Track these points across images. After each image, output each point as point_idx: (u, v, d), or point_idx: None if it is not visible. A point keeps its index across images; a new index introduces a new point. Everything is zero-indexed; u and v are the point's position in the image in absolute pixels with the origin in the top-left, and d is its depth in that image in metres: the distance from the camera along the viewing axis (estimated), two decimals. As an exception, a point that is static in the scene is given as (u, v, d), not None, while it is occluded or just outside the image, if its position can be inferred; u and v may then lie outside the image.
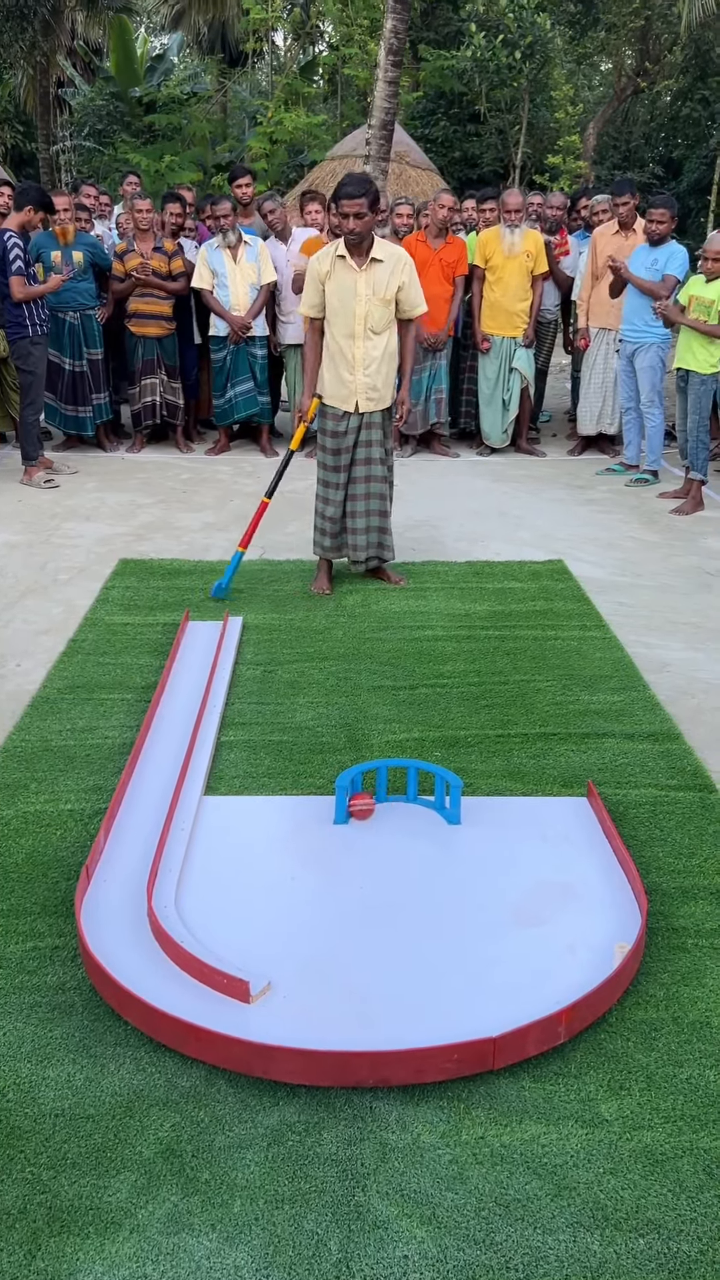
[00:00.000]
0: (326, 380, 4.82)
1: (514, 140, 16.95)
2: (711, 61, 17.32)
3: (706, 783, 3.37)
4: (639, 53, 17.40)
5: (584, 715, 3.84)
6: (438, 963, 2.47)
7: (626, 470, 7.27)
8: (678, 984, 2.49)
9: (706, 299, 6.04)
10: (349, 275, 4.61)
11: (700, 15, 13.12)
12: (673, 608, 4.92)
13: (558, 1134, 2.08)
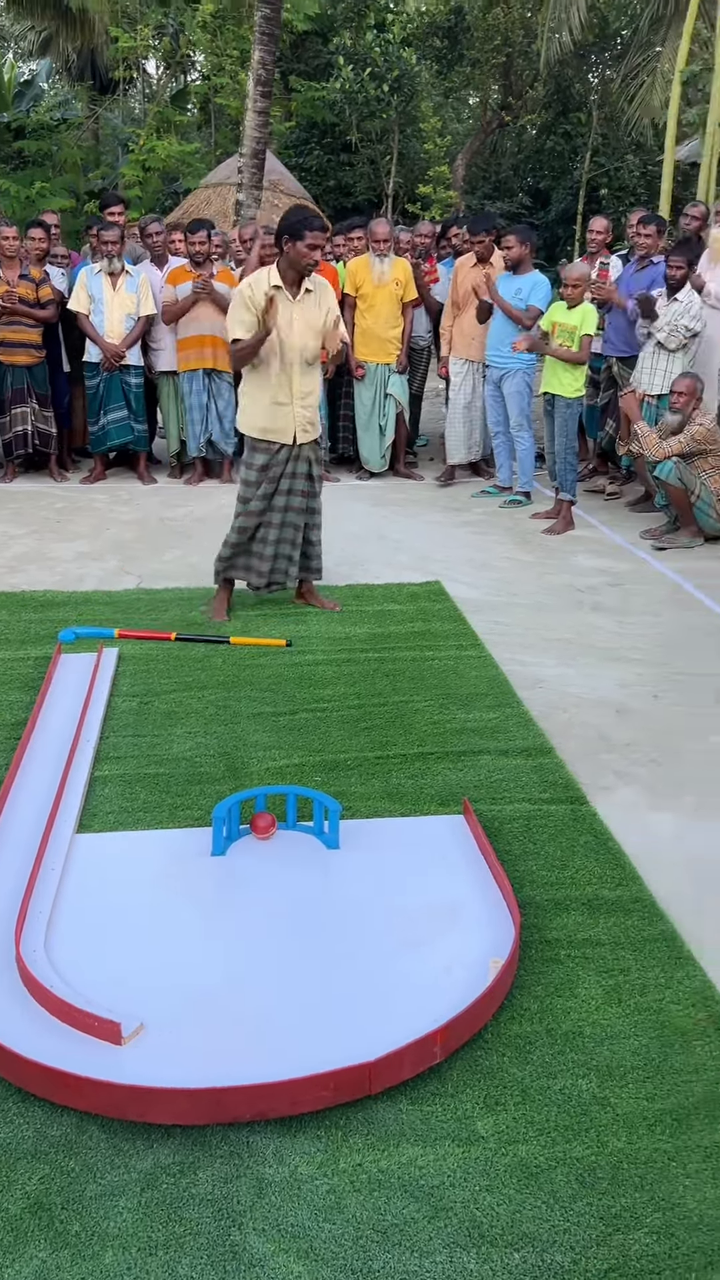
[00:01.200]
0: (259, 415, 4.70)
1: (385, 170, 17.27)
2: (571, 97, 17.97)
3: (578, 795, 3.45)
4: (503, 88, 17.94)
5: (460, 733, 3.89)
6: (316, 990, 2.46)
7: (500, 492, 7.43)
8: (551, 995, 2.53)
9: (569, 325, 6.24)
10: (285, 307, 4.52)
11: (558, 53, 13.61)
12: (546, 625, 5.04)
13: (434, 1155, 2.09)
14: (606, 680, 4.38)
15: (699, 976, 2.59)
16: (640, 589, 5.56)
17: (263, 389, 4.66)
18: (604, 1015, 2.46)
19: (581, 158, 17.89)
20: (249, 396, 4.73)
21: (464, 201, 17.57)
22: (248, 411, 4.76)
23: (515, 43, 15.91)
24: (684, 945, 2.71)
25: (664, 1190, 2.01)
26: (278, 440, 4.72)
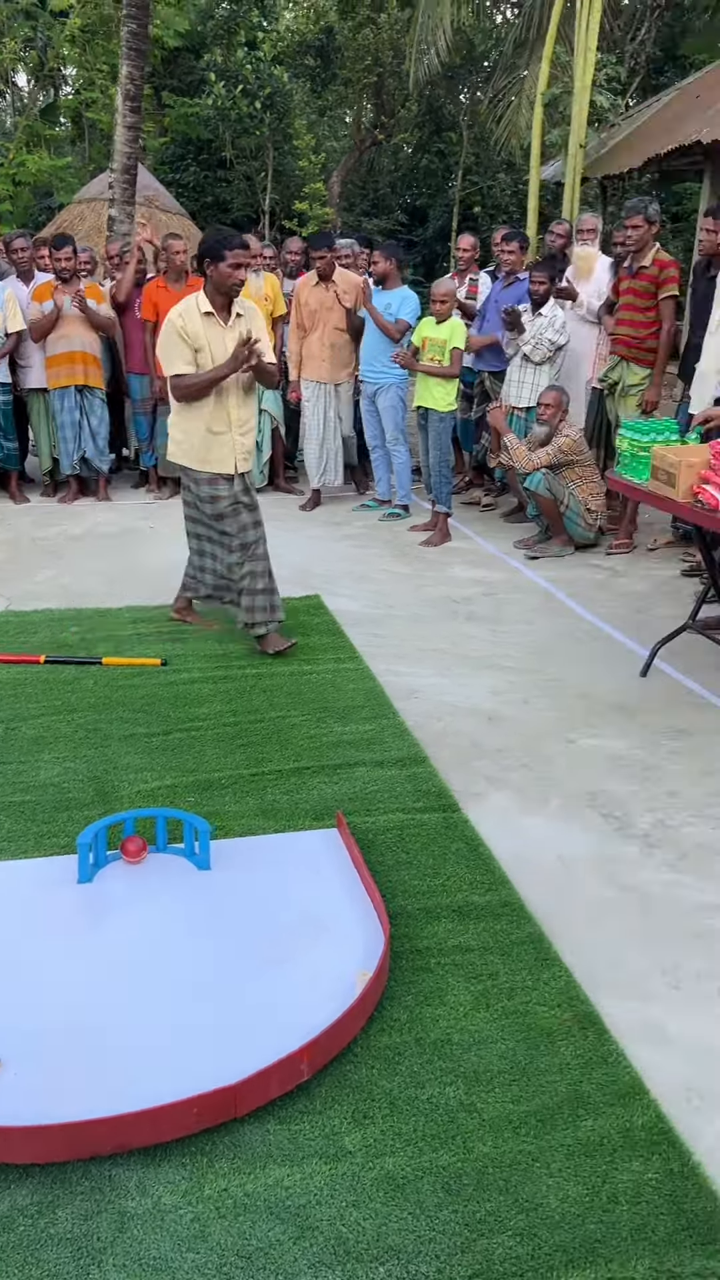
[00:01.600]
0: (196, 447, 4.52)
1: (261, 186, 17.30)
2: (443, 117, 18.32)
3: (450, 803, 3.48)
4: (375, 107, 18.18)
5: (336, 746, 3.89)
6: (184, 1014, 2.42)
7: (379, 506, 7.49)
8: (421, 1005, 2.54)
9: (439, 339, 6.34)
10: (217, 332, 4.38)
11: (427, 74, 13.85)
12: (422, 636, 5.09)
13: (301, 1173, 2.07)
14: (480, 688, 4.45)
15: (564, 976, 2.63)
16: (513, 598, 5.66)
17: (197, 419, 4.48)
18: (472, 1021, 2.48)
19: (455, 176, 18.25)
20: (181, 428, 4.54)
21: (340, 218, 17.72)
22: (182, 443, 4.56)
23: (385, 63, 16.14)
24: (550, 946, 2.75)
25: (527, 1192, 2.03)
26: (220, 470, 4.56)
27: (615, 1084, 2.29)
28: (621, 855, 3.21)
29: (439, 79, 15.56)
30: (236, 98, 15.30)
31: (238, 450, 4.56)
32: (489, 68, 17.03)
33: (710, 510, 3.84)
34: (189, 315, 4.35)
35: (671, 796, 3.56)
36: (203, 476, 4.57)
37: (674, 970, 2.68)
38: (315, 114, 19.23)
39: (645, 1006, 2.55)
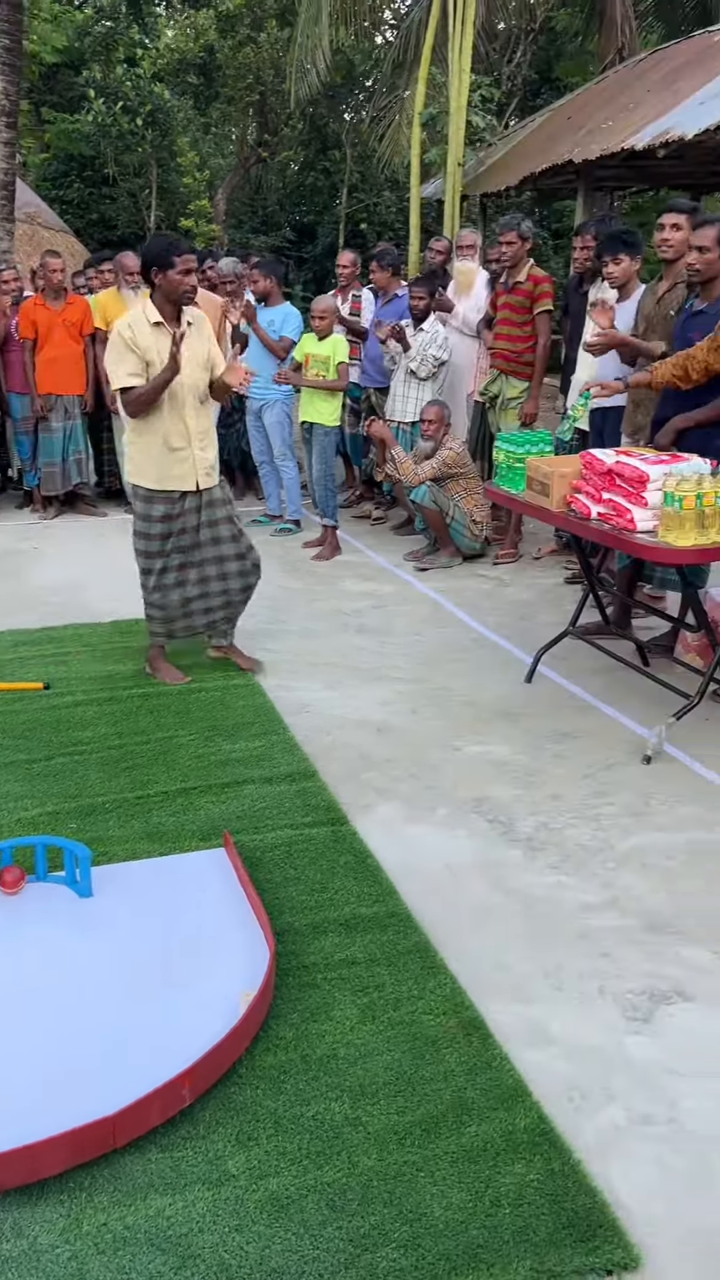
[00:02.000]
0: (153, 464, 4.28)
1: (146, 204, 17.18)
2: (327, 135, 18.48)
3: (338, 816, 3.48)
4: (259, 125, 18.23)
5: (225, 764, 3.86)
6: (63, 1046, 2.36)
7: (271, 521, 7.47)
8: (307, 1021, 2.52)
9: (321, 355, 6.37)
10: (167, 343, 4.14)
11: (308, 93, 13.95)
12: (313, 650, 5.08)
13: (184, 1201, 2.03)
14: (369, 700, 4.46)
15: (450, 984, 2.65)
16: (403, 610, 5.71)
17: (153, 435, 4.26)
18: (358, 1034, 2.48)
19: (341, 193, 18.41)
20: (138, 445, 4.32)
21: (228, 235, 17.71)
22: (138, 461, 4.33)
23: (267, 81, 16.20)
24: (436, 954, 2.77)
25: (412, 1203, 2.03)
26: (178, 488, 4.33)
27: (499, 1088, 2.31)
28: (506, 859, 3.26)
29: (321, 98, 15.69)
30: (117, 114, 15.17)
31: (199, 465, 4.35)
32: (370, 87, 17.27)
33: (582, 519, 3.93)
34: (137, 326, 4.16)
35: (554, 799, 3.63)
36: (159, 497, 4.32)
37: (556, 971, 2.73)
38: (199, 131, 19.19)
39: (529, 1009, 2.59)
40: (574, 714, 4.34)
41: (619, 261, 5.16)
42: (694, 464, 3.57)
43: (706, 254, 4.31)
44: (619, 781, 3.75)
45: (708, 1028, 2.52)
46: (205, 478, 4.38)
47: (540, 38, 17.43)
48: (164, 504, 4.35)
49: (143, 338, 4.15)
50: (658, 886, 3.10)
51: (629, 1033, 2.50)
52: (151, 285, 4.20)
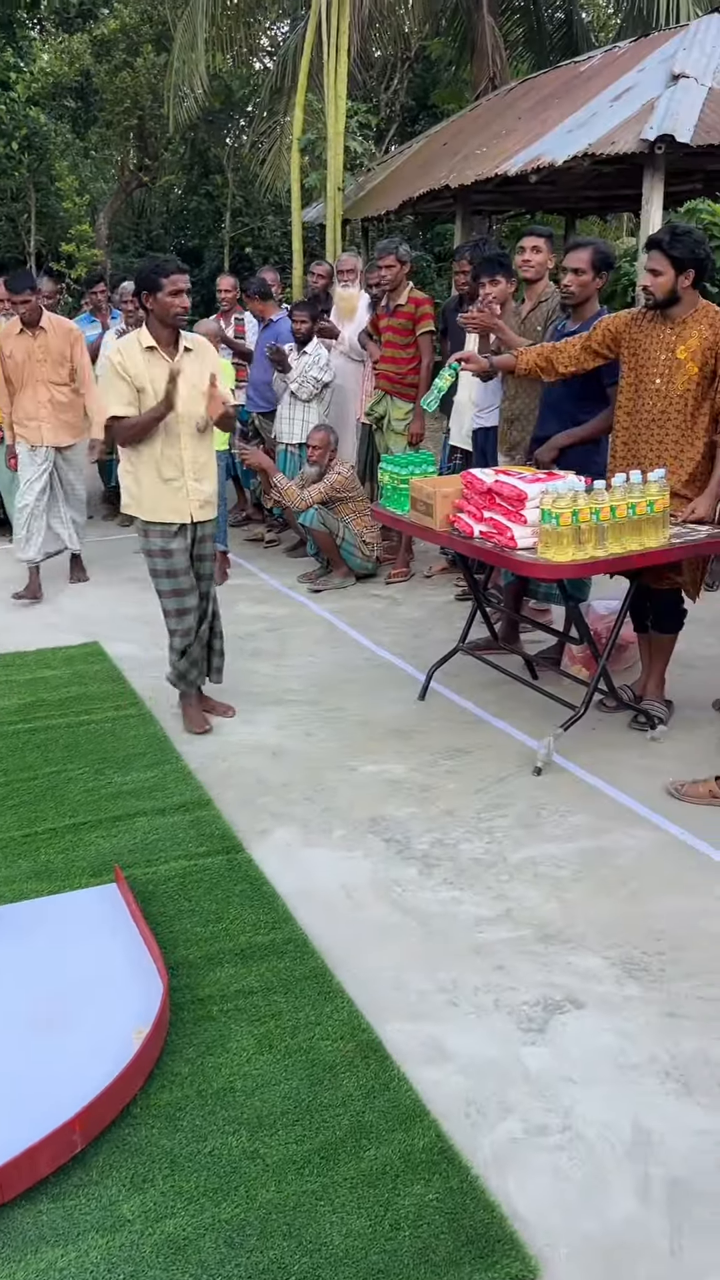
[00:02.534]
0: (147, 495, 4.13)
1: (25, 228, 16.92)
2: (209, 160, 18.50)
3: (234, 844, 3.45)
4: (139, 149, 18.15)
5: (117, 798, 3.79)
6: (-53, 1100, 2.27)
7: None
8: (203, 1055, 2.49)
9: (204, 380, 6.35)
10: (162, 369, 3.99)
11: (187, 118, 13.97)
12: (205, 676, 5.04)
13: (77, 1251, 1.98)
14: (264, 724, 4.44)
15: (347, 1007, 2.65)
16: (298, 631, 5.71)
17: (147, 465, 4.10)
18: (256, 1065, 2.46)
19: (225, 218, 18.44)
20: (132, 475, 4.17)
21: (111, 260, 17.55)
22: (133, 493, 4.18)
23: (145, 106, 16.15)
24: (333, 978, 2.76)
25: (311, 1233, 2.01)
26: (174, 520, 4.15)
27: (397, 1109, 2.31)
28: (402, 878, 3.27)
29: (200, 122, 15.72)
30: (-9, 139, 14.95)
31: (193, 497, 4.16)
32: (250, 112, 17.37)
33: (465, 537, 4.00)
34: (128, 351, 4.02)
35: (449, 815, 3.66)
36: (154, 529, 4.17)
37: (453, 987, 2.74)
38: (79, 155, 19.00)
39: (426, 1027, 2.60)
40: (466, 729, 4.39)
41: (496, 283, 5.27)
42: (569, 482, 3.66)
43: (581, 276, 4.45)
44: (511, 794, 3.81)
45: (600, 1033, 2.56)
46: (200, 510, 4.20)
47: (416, 66, 17.80)
48: (160, 537, 4.17)
49: (133, 364, 4.00)
50: (549, 896, 3.15)
51: (524, 1044, 2.53)
52: (145, 310, 4.06)
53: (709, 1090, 2.36)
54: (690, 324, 3.93)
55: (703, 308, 3.96)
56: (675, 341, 3.94)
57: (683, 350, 3.92)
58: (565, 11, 15.98)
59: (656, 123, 7.07)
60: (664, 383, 3.97)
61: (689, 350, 3.91)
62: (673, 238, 3.89)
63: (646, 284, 3.98)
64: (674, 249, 3.86)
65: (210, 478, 4.24)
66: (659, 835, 3.49)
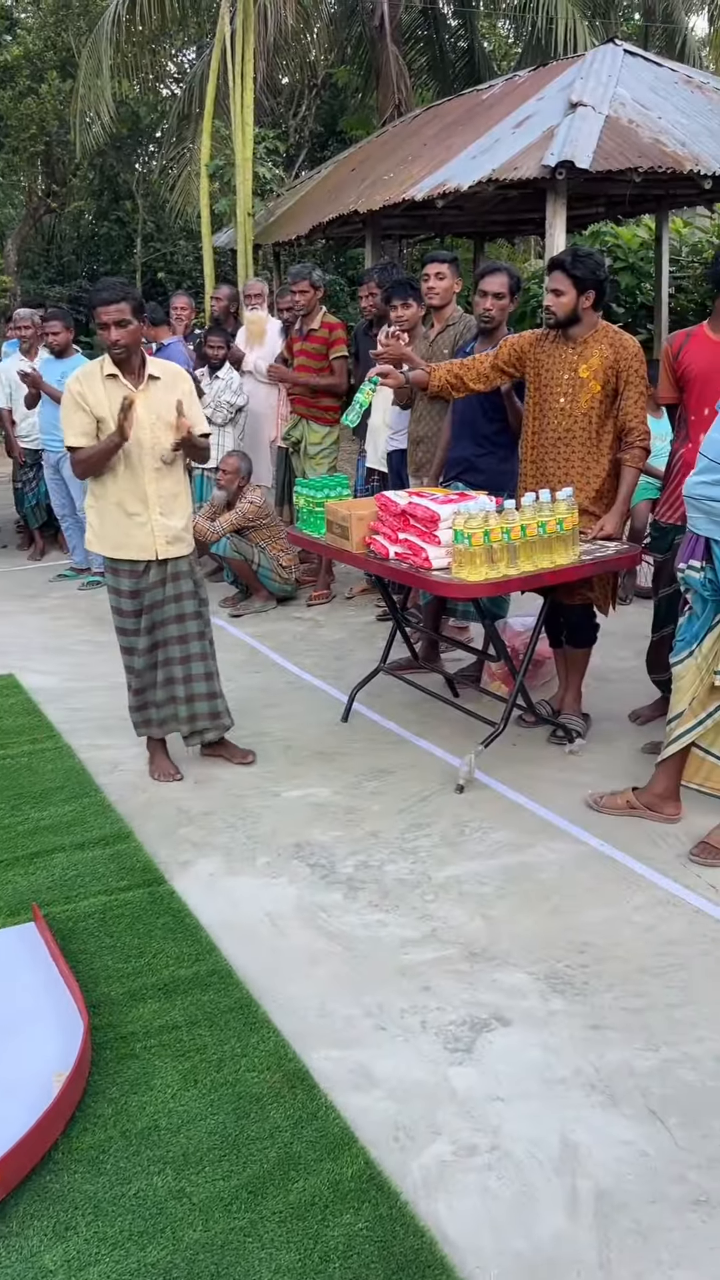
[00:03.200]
0: (110, 530, 3.92)
1: (-69, 254, 16.65)
2: (119, 186, 18.42)
3: (155, 876, 3.40)
4: (46, 175, 17.99)
5: (33, 834, 3.71)
6: None
7: (78, 574, 7.30)
8: (126, 1095, 2.44)
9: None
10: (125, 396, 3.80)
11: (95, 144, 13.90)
12: (124, 706, 4.95)
13: (-3, 1308, 1.92)
14: (185, 752, 4.39)
15: (273, 1037, 2.62)
16: (219, 657, 5.64)
17: (108, 498, 3.90)
18: (180, 1101, 2.41)
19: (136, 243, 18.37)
20: (95, 510, 3.96)
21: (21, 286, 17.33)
22: (96, 527, 3.97)
23: (52, 132, 16.02)
24: (259, 1008, 2.73)
25: (240, 1271, 1.98)
26: (140, 557, 3.93)
27: (325, 1138, 2.29)
28: (327, 902, 3.25)
29: (109, 149, 15.65)
30: None
31: (159, 533, 3.92)
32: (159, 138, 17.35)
33: (381, 559, 4.02)
34: (88, 379, 3.83)
35: (373, 836, 3.66)
36: (121, 566, 3.97)
37: (379, 1011, 2.73)
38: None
39: (353, 1052, 2.58)
40: (390, 749, 4.40)
41: (407, 306, 5.34)
42: (480, 502, 3.71)
43: (500, 300, 4.54)
44: (435, 812, 3.83)
45: (526, 1050, 2.57)
46: (167, 547, 3.95)
47: (323, 93, 18.00)
48: (128, 576, 3.96)
49: (92, 394, 3.81)
50: (474, 914, 3.16)
51: (452, 1064, 2.53)
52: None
53: (632, 1100, 2.39)
54: (591, 343, 4.02)
55: (603, 328, 4.06)
56: (577, 361, 4.03)
57: (585, 369, 4.01)
58: (467, 41, 16.33)
59: (557, 149, 7.24)
60: (568, 401, 4.05)
61: (591, 369, 4.00)
62: (574, 259, 3.98)
63: (549, 304, 4.06)
64: (576, 270, 3.95)
65: (179, 512, 3.98)
66: (579, 848, 3.53)
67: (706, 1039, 2.58)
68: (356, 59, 15.76)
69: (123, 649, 4.12)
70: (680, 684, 3.52)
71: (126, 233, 18.95)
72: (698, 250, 12.55)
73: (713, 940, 2.99)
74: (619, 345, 4.01)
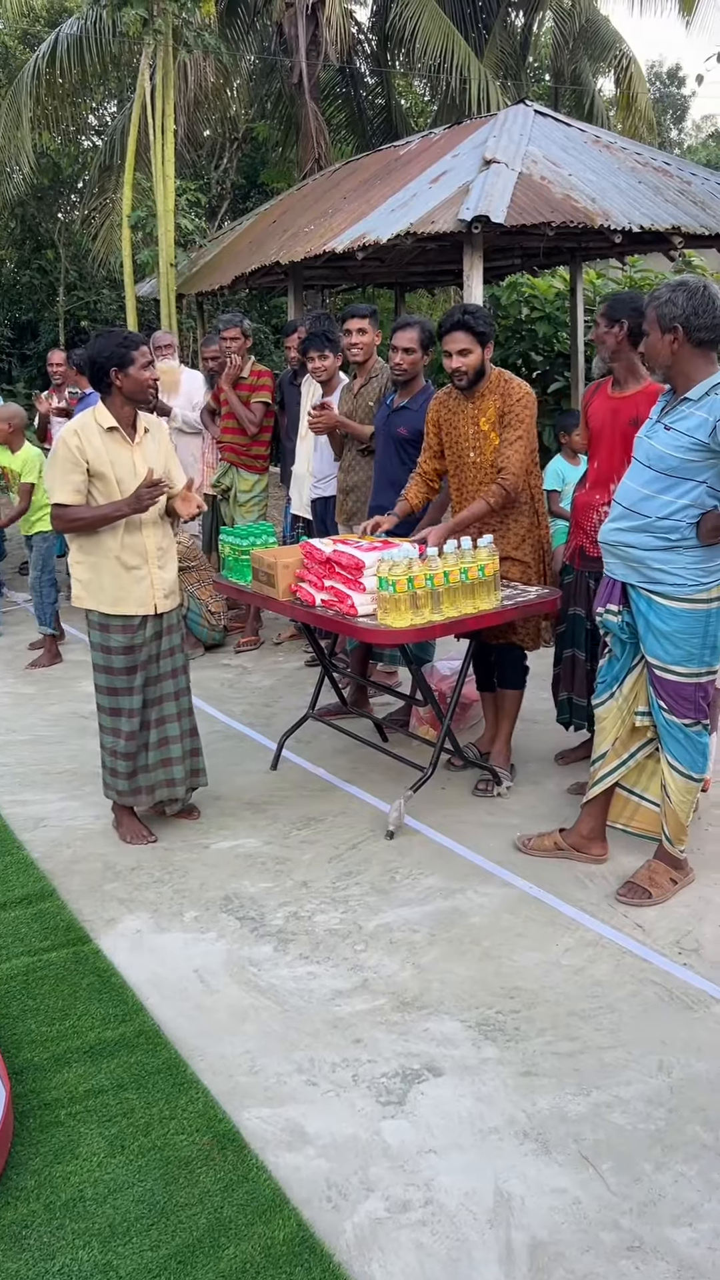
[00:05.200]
0: (107, 585, 3.79)
1: None
2: (41, 235, 18.41)
3: (79, 935, 3.33)
4: (-32, 224, 17.92)
5: (-46, 895, 3.61)
6: None
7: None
8: (50, 1165, 2.36)
9: (13, 468, 6.33)
10: (123, 452, 3.74)
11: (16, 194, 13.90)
12: (48, 759, 4.88)
13: None
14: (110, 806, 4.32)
15: (203, 1098, 2.57)
16: (144, 707, 5.59)
17: (104, 553, 3.78)
18: (107, 1169, 2.35)
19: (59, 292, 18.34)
20: (87, 565, 3.82)
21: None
22: (89, 583, 3.82)
23: (-27, 182, 16.00)
24: (187, 1069, 2.68)
25: (169, 1345, 1.92)
26: (137, 612, 3.84)
27: (256, 1201, 2.24)
28: (257, 956, 3.21)
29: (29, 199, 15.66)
30: None
31: (158, 587, 3.87)
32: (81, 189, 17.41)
33: (308, 606, 4.03)
34: (86, 434, 3.70)
35: (303, 886, 3.63)
36: (115, 622, 3.84)
37: (310, 1066, 2.70)
38: None
39: (284, 1110, 2.54)
40: (320, 796, 4.39)
41: (324, 357, 5.41)
42: (403, 549, 3.75)
43: (411, 355, 4.61)
44: (365, 859, 3.81)
45: (459, 1100, 2.56)
46: (164, 600, 3.90)
47: (244, 146, 18.28)
48: (122, 632, 3.84)
49: (92, 449, 3.70)
50: (405, 963, 3.15)
51: (384, 1118, 2.51)
52: (105, 390, 3.75)
53: (565, 1147, 2.39)
54: (488, 395, 4.07)
55: (495, 377, 4.10)
56: (478, 414, 4.10)
57: (484, 422, 4.08)
58: (384, 98, 16.75)
59: (472, 204, 7.43)
60: (477, 455, 4.13)
61: (489, 421, 4.08)
62: (472, 316, 3.99)
63: (458, 366, 4.01)
64: (479, 326, 3.98)
65: (172, 564, 3.95)
66: (508, 891, 3.55)
67: (635, 1081, 2.60)
68: (276, 114, 16.05)
69: (108, 711, 3.94)
70: (603, 725, 3.58)
71: (49, 281, 18.92)
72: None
73: (640, 981, 3.02)
74: (505, 393, 4.04)
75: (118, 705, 3.92)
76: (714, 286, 3.15)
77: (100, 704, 3.96)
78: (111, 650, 3.87)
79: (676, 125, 36.66)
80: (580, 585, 4.15)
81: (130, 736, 3.92)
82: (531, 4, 15.86)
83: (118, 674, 3.89)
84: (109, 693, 3.92)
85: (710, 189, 9.17)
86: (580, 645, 4.19)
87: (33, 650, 6.67)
